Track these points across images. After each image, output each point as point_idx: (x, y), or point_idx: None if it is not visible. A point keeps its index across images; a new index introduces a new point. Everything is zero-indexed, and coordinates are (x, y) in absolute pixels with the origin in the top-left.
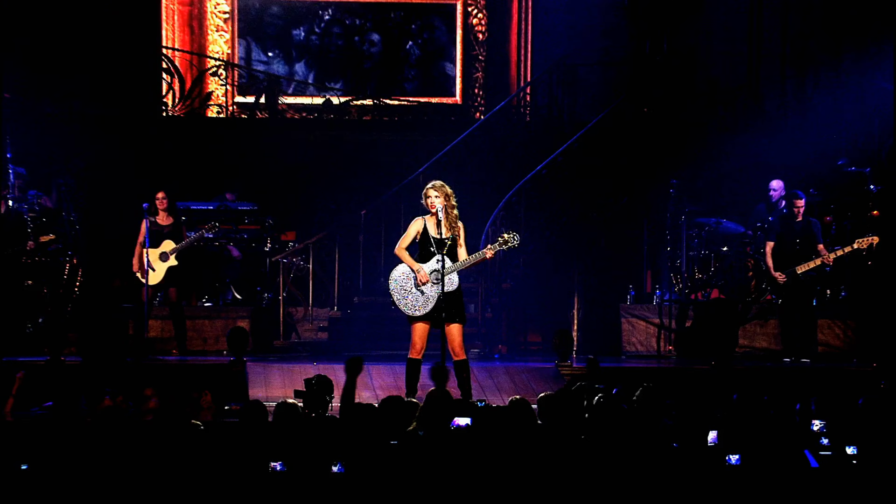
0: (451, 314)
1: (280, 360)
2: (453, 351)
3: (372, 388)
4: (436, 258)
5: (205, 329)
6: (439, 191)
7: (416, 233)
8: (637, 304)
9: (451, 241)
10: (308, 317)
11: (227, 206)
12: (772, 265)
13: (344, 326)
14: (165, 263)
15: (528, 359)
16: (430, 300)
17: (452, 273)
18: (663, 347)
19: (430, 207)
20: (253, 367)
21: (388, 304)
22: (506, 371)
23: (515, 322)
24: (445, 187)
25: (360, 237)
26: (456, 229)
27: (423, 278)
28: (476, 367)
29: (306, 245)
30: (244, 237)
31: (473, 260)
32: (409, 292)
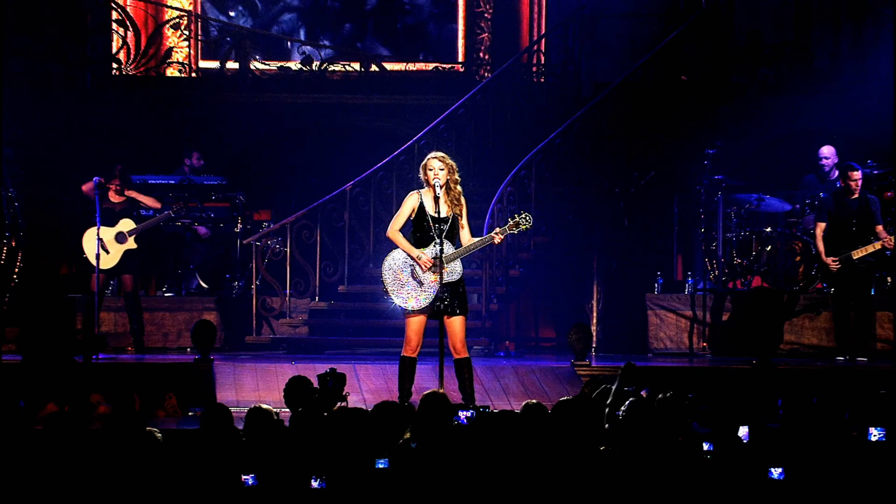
0: (452, 306)
1: (253, 359)
2: (454, 347)
3: (360, 390)
4: (434, 242)
5: (165, 323)
6: (444, 163)
7: (412, 210)
8: (666, 294)
9: (451, 221)
10: (285, 309)
11: (190, 180)
12: (823, 249)
13: (327, 320)
14: (122, 245)
15: (540, 357)
16: (428, 291)
17: (455, 259)
18: (696, 344)
19: (430, 180)
20: (221, 367)
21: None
22: (514, 371)
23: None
24: (448, 159)
25: (345, 216)
26: (458, 207)
27: (426, 265)
28: (479, 366)
29: (283, 225)
30: (211, 216)
31: (479, 244)
32: (404, 281)
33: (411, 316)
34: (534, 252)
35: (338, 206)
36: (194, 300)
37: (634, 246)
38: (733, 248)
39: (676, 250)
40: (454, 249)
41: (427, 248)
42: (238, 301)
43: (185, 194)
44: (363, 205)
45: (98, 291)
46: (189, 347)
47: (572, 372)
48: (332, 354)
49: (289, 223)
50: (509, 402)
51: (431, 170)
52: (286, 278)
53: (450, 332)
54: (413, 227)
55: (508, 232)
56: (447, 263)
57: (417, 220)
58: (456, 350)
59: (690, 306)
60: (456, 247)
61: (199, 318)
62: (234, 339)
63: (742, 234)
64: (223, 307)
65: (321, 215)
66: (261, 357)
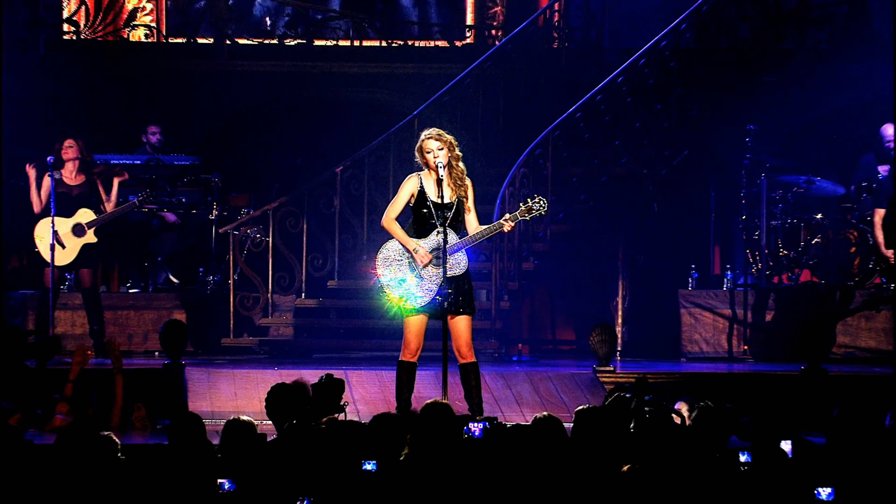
0: (457, 303)
1: (230, 364)
2: (459, 351)
3: (352, 400)
4: (436, 231)
5: (130, 323)
6: (441, 141)
7: (410, 196)
8: (702, 290)
9: (455, 206)
10: (267, 307)
11: (158, 160)
12: (882, 239)
13: (315, 319)
14: (81, 239)
15: (558, 362)
16: (429, 287)
17: (459, 251)
18: (736, 347)
19: (430, 163)
20: (194, 373)
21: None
22: (528, 378)
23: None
24: (445, 135)
25: (335, 201)
26: (462, 189)
27: (422, 259)
28: (488, 372)
29: (264, 212)
30: (181, 201)
31: (487, 233)
32: (402, 276)
33: (410, 315)
34: (550, 242)
35: (327, 191)
36: (162, 297)
37: (665, 235)
38: (778, 237)
39: (713, 240)
40: (459, 238)
41: (428, 238)
42: (213, 298)
43: (152, 176)
44: (356, 189)
45: (52, 287)
46: (157, 351)
47: (594, 379)
48: (320, 359)
49: (271, 209)
50: (522, 412)
51: (429, 151)
52: (268, 272)
53: (454, 334)
54: (412, 214)
55: (521, 218)
56: (450, 255)
57: (417, 207)
58: (461, 354)
59: (729, 304)
60: (461, 236)
61: (168, 318)
62: (209, 342)
63: (789, 222)
64: (196, 305)
65: (308, 200)
66: (239, 362)
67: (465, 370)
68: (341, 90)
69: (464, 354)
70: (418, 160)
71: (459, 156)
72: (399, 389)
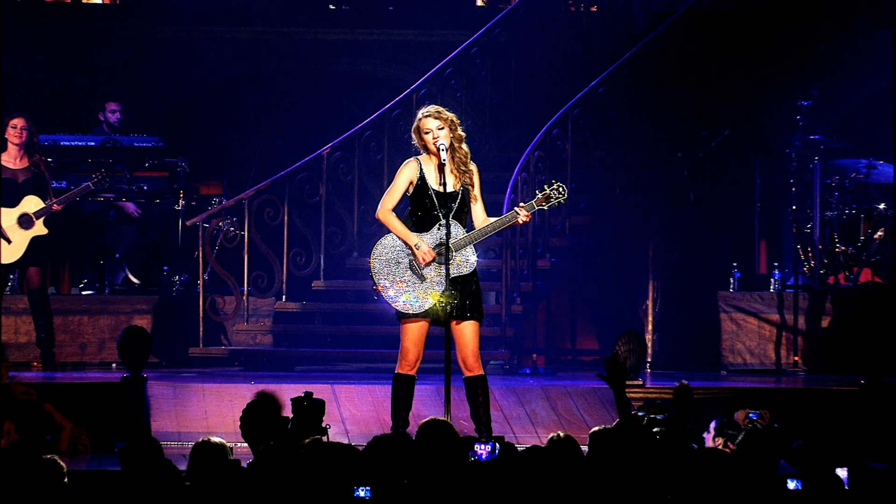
0: (463, 307)
1: (199, 378)
2: (464, 362)
3: (340, 419)
4: (439, 224)
5: (83, 330)
6: (441, 119)
7: (409, 184)
8: (745, 293)
9: (460, 196)
10: (242, 311)
11: (116, 141)
12: None
13: (297, 325)
14: (28, 232)
15: (578, 375)
16: (431, 288)
17: (466, 247)
18: (785, 358)
19: (430, 146)
20: (158, 388)
21: (365, 293)
22: (543, 393)
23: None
24: (445, 112)
25: (321, 189)
26: (466, 175)
27: (424, 257)
28: (498, 386)
29: (239, 201)
30: (143, 189)
31: (498, 225)
32: (399, 276)
33: (409, 321)
34: (569, 236)
35: (312, 176)
36: (121, 300)
37: (703, 228)
38: (834, 230)
39: (759, 234)
40: (465, 233)
41: (430, 233)
42: (179, 301)
43: (109, 160)
44: (345, 174)
45: None
46: (114, 363)
47: None
48: (304, 372)
49: (247, 198)
50: (536, 433)
51: (428, 132)
52: (243, 271)
53: (459, 343)
54: (411, 204)
55: (537, 208)
56: (457, 251)
57: (417, 196)
58: (467, 366)
59: (777, 308)
60: (467, 229)
61: (127, 324)
62: (175, 352)
63: (846, 213)
64: (160, 309)
65: (290, 188)
66: (210, 375)
67: (472, 384)
68: (329, 61)
69: (470, 366)
70: (416, 142)
71: (462, 136)
72: (395, 406)
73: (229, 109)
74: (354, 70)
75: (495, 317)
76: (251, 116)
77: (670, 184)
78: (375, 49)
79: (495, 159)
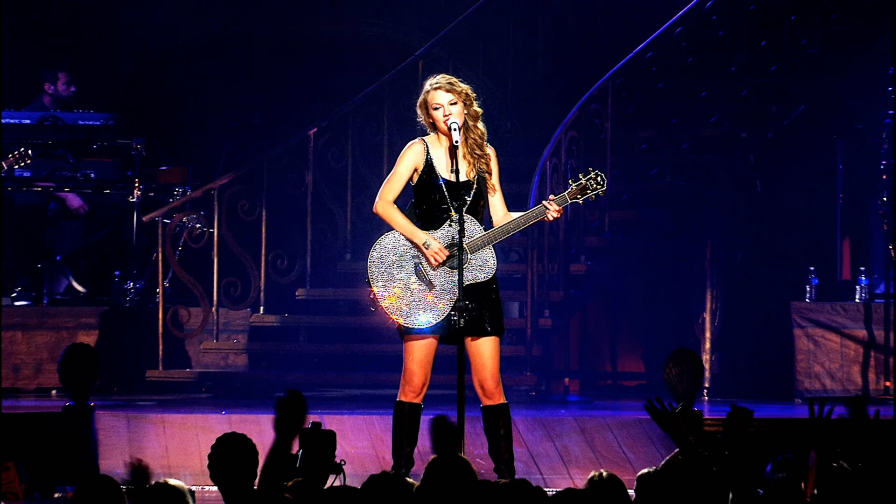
0: (480, 321)
1: (159, 407)
2: (481, 388)
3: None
4: (450, 221)
5: (16, 349)
6: (454, 92)
7: (413, 171)
8: (824, 303)
9: (475, 186)
10: (211, 326)
11: (56, 118)
12: None
13: (278, 343)
14: None
15: (619, 403)
16: (442, 298)
17: (484, 247)
18: (875, 383)
19: (440, 124)
20: (108, 420)
21: (360, 303)
22: (577, 426)
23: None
24: (458, 84)
25: (307, 177)
26: (483, 161)
27: (436, 257)
28: (522, 417)
29: (207, 192)
30: (90, 177)
31: (523, 222)
32: (403, 283)
33: (414, 338)
34: (609, 235)
35: (295, 162)
36: (63, 313)
37: (772, 225)
38: None
39: (841, 232)
40: (482, 231)
41: (439, 231)
42: (134, 314)
43: (49, 141)
44: (337, 159)
45: None
46: (54, 388)
47: None
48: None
49: (216, 189)
50: (569, 474)
51: (437, 107)
52: (212, 277)
53: (475, 364)
54: (415, 196)
55: (570, 201)
56: (472, 253)
57: (423, 187)
58: (485, 392)
59: (864, 322)
60: (484, 227)
61: (70, 342)
62: (129, 375)
63: None
64: (110, 324)
65: (269, 176)
66: (172, 403)
67: (491, 415)
68: (317, 20)
69: (488, 392)
70: (422, 120)
71: (479, 113)
72: (397, 441)
73: (195, 80)
74: (348, 32)
75: (519, 332)
76: (222, 88)
77: (732, 170)
78: (373, 4)
79: (519, 141)
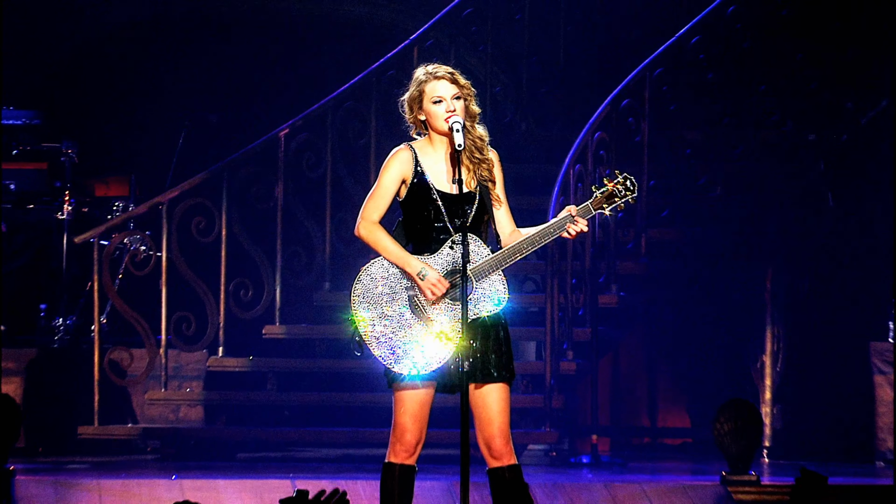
0: (487, 365)
1: (94, 471)
2: (488, 446)
3: None
4: (450, 243)
5: None
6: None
7: (400, 183)
8: None
9: (477, 200)
10: (158, 371)
11: None
12: None
13: (241, 392)
14: None
15: (660, 465)
16: (441, 337)
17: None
18: None
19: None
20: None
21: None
22: (608, 493)
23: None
24: (460, 75)
25: (277, 189)
26: (484, 167)
27: (434, 289)
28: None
29: (155, 207)
30: (10, 188)
31: (537, 240)
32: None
33: (406, 387)
34: (646, 259)
35: (261, 170)
36: None
37: (847, 246)
38: None
39: None
40: (489, 253)
41: (438, 255)
42: (64, 357)
43: None
44: (313, 167)
45: None
46: None
47: (724, 495)
48: (251, 461)
49: (166, 202)
50: None
51: (438, 101)
52: (160, 311)
53: (481, 417)
54: (404, 213)
55: (595, 212)
56: (478, 281)
57: (414, 202)
58: (493, 451)
59: None
60: (491, 248)
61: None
62: (58, 432)
63: None
64: (35, 369)
65: (229, 187)
66: (110, 465)
67: (500, 479)
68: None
69: (497, 452)
70: (409, 118)
71: (477, 113)
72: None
73: (138, 70)
74: (327, 10)
75: (536, 379)
76: (171, 81)
77: (797, 180)
78: None
79: (536, 144)
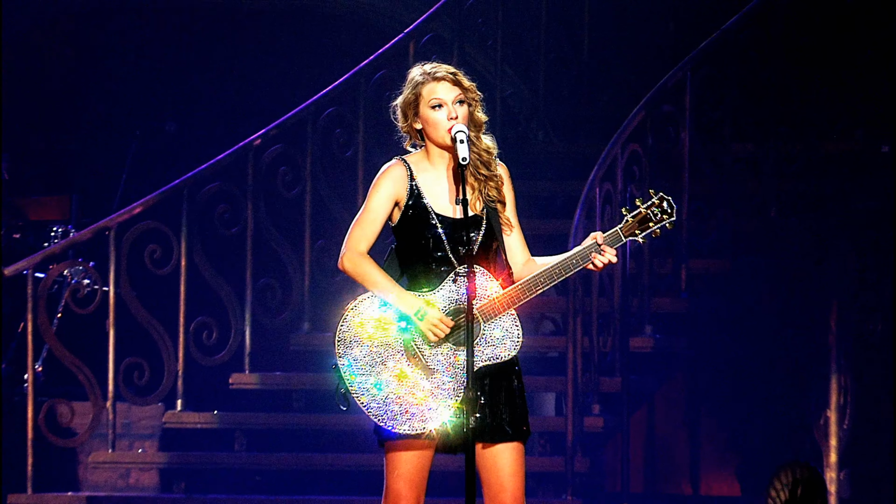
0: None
1: None
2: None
3: None
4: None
5: None
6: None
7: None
8: None
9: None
10: (104, 428)
11: None
12: None
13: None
14: None
15: None
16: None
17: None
18: None
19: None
20: None
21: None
22: None
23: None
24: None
25: (247, 209)
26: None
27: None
28: None
29: (100, 231)
30: None
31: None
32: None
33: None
34: (687, 295)
35: (228, 188)
36: None
37: None
38: None
39: None
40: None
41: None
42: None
43: None
44: (288, 184)
45: None
46: None
47: None
48: None
49: (113, 227)
50: None
51: (438, 105)
52: (107, 357)
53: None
54: (399, 241)
55: (626, 239)
56: (486, 322)
57: (409, 228)
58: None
59: None
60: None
61: None
62: None
63: None
64: None
65: (189, 209)
66: None
67: None
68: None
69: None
70: (402, 127)
71: (482, 122)
72: None
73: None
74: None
75: (555, 437)
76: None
77: (868, 199)
78: None
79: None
